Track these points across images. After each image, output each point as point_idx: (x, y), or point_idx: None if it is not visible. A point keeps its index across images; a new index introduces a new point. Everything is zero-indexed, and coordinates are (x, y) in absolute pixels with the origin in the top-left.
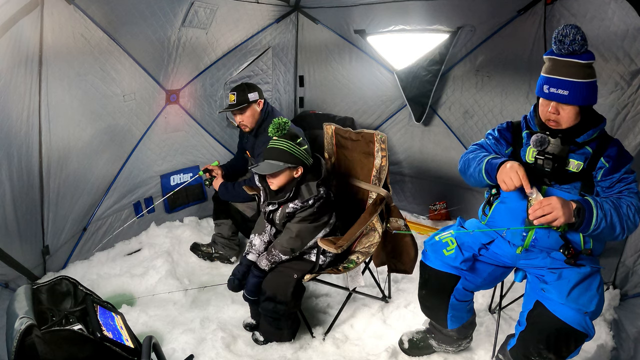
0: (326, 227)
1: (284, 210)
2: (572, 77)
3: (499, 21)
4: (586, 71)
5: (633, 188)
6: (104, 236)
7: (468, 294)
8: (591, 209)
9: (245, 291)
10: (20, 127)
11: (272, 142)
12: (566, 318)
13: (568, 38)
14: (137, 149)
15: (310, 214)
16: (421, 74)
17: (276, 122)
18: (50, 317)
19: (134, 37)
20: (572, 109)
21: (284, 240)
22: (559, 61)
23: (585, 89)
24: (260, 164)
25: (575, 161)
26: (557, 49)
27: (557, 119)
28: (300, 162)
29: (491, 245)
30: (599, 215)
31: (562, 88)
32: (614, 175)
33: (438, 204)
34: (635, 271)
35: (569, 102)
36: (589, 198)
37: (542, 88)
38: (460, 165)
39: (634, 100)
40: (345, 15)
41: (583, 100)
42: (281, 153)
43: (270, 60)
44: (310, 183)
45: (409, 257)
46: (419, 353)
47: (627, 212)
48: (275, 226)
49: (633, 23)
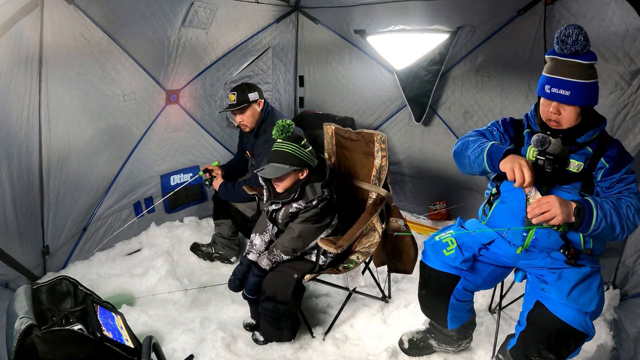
0: (328, 229)
1: (287, 210)
2: (574, 77)
3: (499, 21)
4: (588, 72)
5: (633, 188)
6: (104, 236)
7: (468, 294)
8: (591, 209)
9: (245, 290)
10: (20, 127)
11: (276, 145)
12: (566, 318)
13: (571, 38)
14: (137, 149)
15: (314, 215)
16: (421, 74)
17: (280, 124)
18: (50, 317)
19: (134, 37)
20: (573, 110)
21: (286, 240)
22: (561, 61)
23: (587, 89)
24: (266, 167)
25: (575, 161)
26: (560, 49)
27: (558, 119)
28: (306, 164)
29: (491, 246)
30: (599, 215)
31: (564, 88)
32: (614, 176)
33: (438, 204)
34: (635, 271)
35: (570, 102)
36: (589, 198)
37: (544, 88)
38: (457, 147)
39: (634, 100)
40: (345, 15)
41: (584, 101)
42: (287, 156)
43: (270, 60)
44: (315, 184)
45: (409, 257)
46: (419, 353)
47: (626, 212)
48: (278, 225)
49: (633, 23)
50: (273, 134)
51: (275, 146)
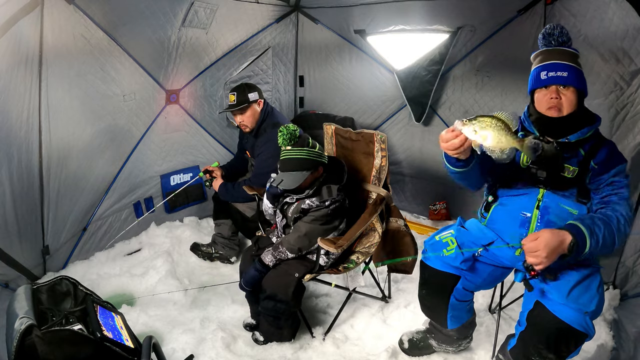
0: (335, 232)
1: (300, 205)
2: (567, 61)
3: (499, 21)
4: (576, 60)
5: (623, 193)
6: (104, 236)
7: (468, 294)
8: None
9: (242, 281)
10: (20, 127)
11: (286, 153)
12: (566, 318)
13: (556, 30)
14: (137, 149)
15: (324, 215)
16: (421, 74)
17: (286, 132)
18: (50, 317)
19: (134, 37)
20: (572, 93)
21: (293, 238)
22: (552, 50)
23: (580, 74)
24: (282, 178)
25: (570, 167)
26: (547, 43)
27: (558, 104)
28: (319, 163)
29: (491, 247)
30: (592, 244)
31: (561, 70)
32: (602, 177)
33: (438, 204)
34: (635, 271)
35: (568, 82)
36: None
37: (539, 76)
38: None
39: (634, 100)
40: (345, 15)
41: (581, 84)
42: (300, 162)
43: (270, 60)
44: (332, 185)
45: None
46: (419, 353)
47: (618, 226)
48: (287, 218)
49: (633, 23)
50: (280, 142)
51: (284, 154)
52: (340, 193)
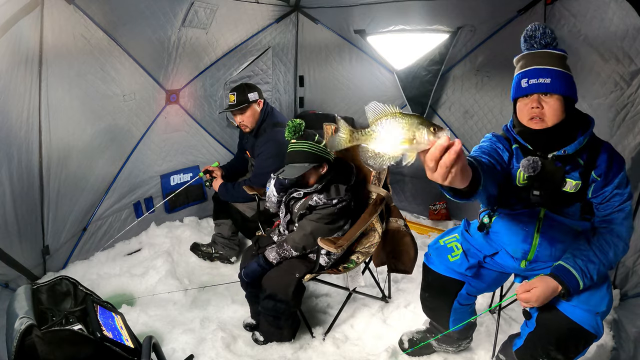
0: (339, 232)
1: (307, 201)
2: (551, 65)
3: (499, 21)
4: (563, 63)
5: (626, 208)
6: (104, 236)
7: (471, 298)
8: (577, 283)
9: (243, 272)
10: (20, 127)
11: (291, 146)
12: (578, 319)
13: (538, 32)
14: (137, 149)
15: (330, 214)
16: (421, 74)
17: (291, 125)
18: (50, 317)
19: (134, 37)
20: (556, 101)
21: (297, 236)
22: (534, 54)
23: (566, 78)
24: (285, 168)
25: (573, 181)
26: (529, 45)
27: (540, 114)
28: (323, 158)
29: (495, 257)
30: (585, 283)
31: (543, 77)
32: (606, 189)
33: (438, 204)
34: (635, 271)
35: (551, 90)
36: (573, 271)
37: (520, 84)
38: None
39: (634, 100)
40: (345, 15)
41: (566, 90)
42: (303, 154)
43: (270, 60)
44: (340, 185)
45: (409, 257)
46: (419, 353)
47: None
48: (292, 214)
49: (633, 23)
50: (286, 135)
51: (290, 147)
52: (348, 193)
